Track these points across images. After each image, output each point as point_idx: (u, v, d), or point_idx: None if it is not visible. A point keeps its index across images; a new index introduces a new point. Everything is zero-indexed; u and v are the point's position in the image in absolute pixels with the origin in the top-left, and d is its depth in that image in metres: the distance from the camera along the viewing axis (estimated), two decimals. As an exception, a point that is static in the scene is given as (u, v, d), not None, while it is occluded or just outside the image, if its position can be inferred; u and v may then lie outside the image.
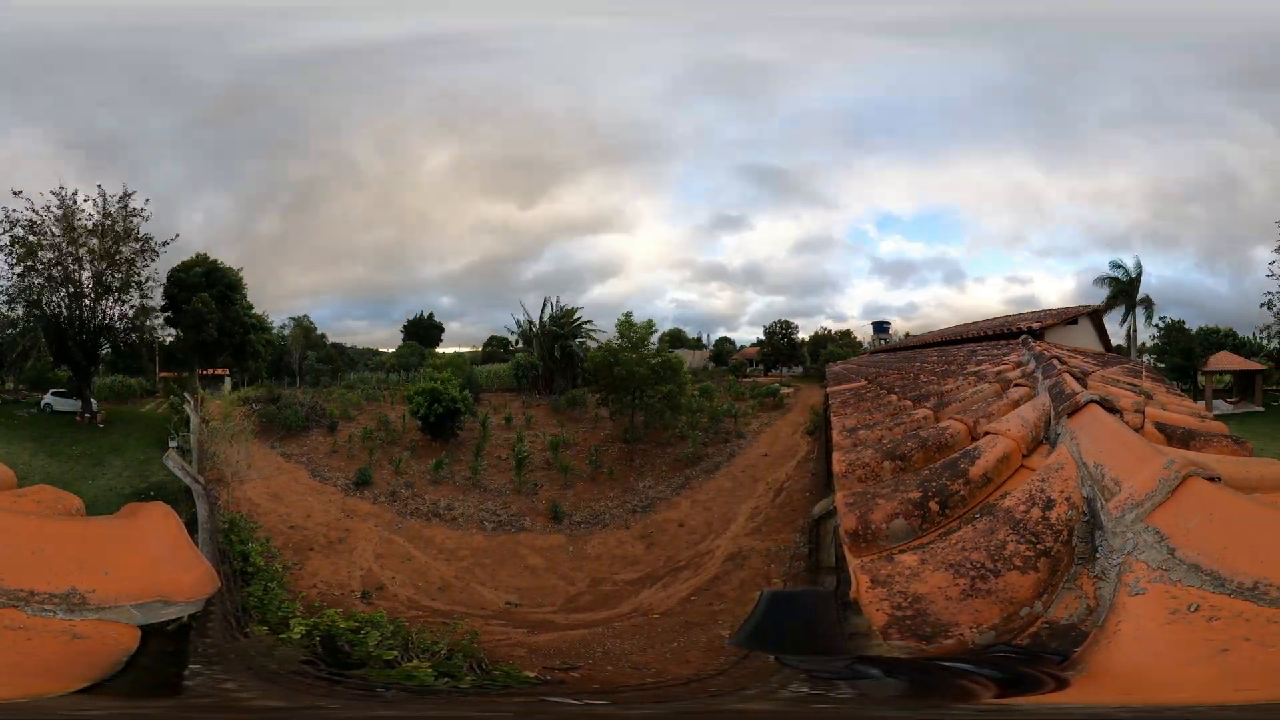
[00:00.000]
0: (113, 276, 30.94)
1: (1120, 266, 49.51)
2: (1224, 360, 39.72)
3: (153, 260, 32.39)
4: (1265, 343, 42.65)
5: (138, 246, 31.53)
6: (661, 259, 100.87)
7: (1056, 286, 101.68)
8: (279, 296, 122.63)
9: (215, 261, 41.15)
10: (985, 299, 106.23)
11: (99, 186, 30.86)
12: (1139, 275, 49.02)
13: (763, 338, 71.36)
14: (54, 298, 30.06)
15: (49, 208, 29.48)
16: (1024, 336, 14.42)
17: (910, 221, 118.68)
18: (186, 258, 39.35)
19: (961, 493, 2.58)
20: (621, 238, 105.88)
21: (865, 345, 65.18)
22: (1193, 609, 1.52)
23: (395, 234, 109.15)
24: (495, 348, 75.21)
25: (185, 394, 29.80)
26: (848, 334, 74.19)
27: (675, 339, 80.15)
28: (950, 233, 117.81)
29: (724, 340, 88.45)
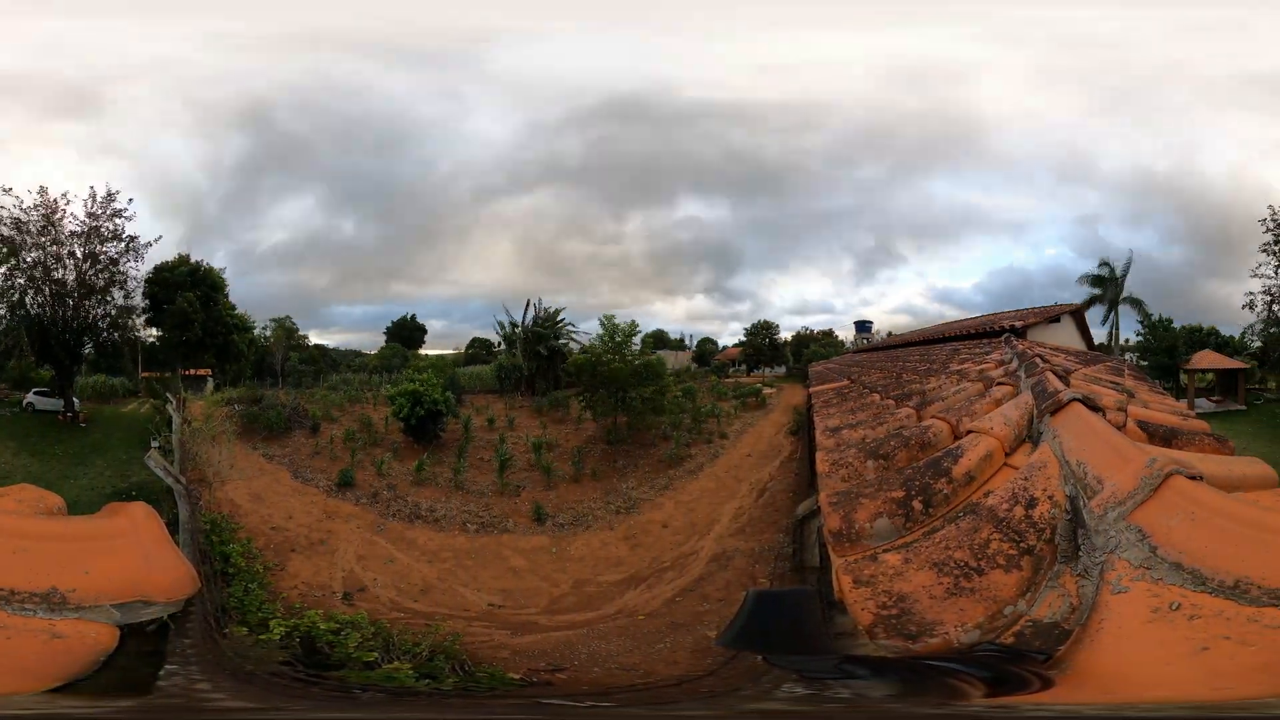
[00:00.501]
0: (96, 276, 30.71)
1: (1107, 264, 48.55)
2: (1207, 359, 40.04)
3: (136, 261, 32.25)
4: (1250, 342, 42.79)
5: (122, 247, 31.34)
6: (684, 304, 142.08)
7: (903, 292, 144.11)
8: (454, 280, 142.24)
9: (199, 262, 40.96)
10: (874, 311, 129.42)
11: (90, 187, 30.75)
12: (1125, 273, 48.18)
13: (745, 338, 71.58)
14: (37, 297, 29.78)
15: (36, 207, 29.28)
16: (1006, 335, 14.52)
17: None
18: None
19: (945, 491, 2.59)
20: (675, 305, 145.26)
21: (848, 345, 65.38)
22: (1174, 607, 1.53)
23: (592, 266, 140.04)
24: (478, 349, 75.14)
25: (167, 394, 29.57)
26: (830, 333, 74.41)
27: (658, 340, 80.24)
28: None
29: (706, 341, 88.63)
